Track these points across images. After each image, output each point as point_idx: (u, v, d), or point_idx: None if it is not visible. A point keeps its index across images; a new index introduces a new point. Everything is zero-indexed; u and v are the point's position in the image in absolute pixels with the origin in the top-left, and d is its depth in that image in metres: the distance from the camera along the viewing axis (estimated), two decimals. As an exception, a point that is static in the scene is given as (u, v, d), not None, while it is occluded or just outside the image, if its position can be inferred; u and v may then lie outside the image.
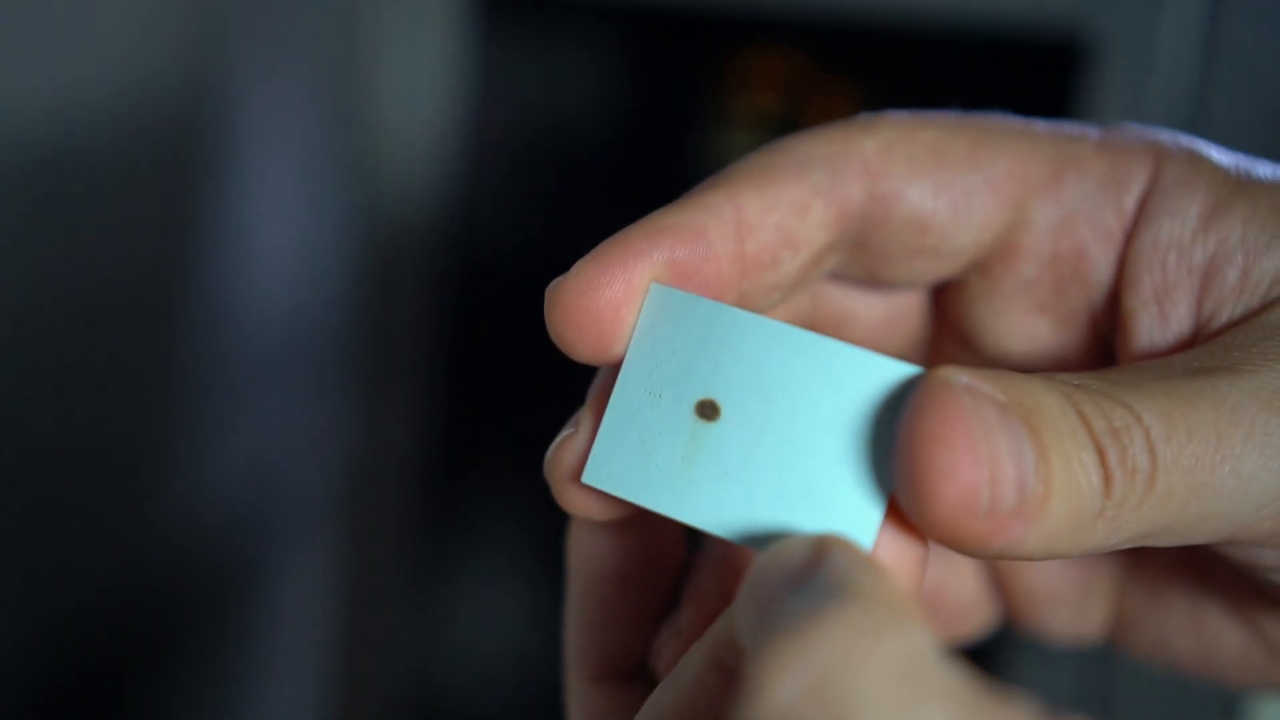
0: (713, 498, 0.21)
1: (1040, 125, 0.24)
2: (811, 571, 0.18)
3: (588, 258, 0.22)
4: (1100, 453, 0.19)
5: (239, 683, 0.79)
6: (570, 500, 0.22)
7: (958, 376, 0.19)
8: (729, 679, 0.20)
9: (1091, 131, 0.24)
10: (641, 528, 0.25)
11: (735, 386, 0.21)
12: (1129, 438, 0.19)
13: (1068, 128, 0.24)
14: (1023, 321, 0.25)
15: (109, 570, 0.71)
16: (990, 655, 0.52)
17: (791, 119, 0.60)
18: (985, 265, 0.24)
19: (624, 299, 0.21)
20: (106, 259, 0.67)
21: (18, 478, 0.64)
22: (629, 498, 0.21)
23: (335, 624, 0.68)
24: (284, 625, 0.80)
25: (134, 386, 0.71)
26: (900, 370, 0.20)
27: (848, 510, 0.20)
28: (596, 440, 0.21)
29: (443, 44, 0.60)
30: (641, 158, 0.64)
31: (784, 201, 0.23)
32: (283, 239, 0.77)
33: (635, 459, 0.21)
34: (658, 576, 0.25)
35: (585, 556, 0.25)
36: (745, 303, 0.23)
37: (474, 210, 0.63)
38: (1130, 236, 0.23)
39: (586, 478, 0.21)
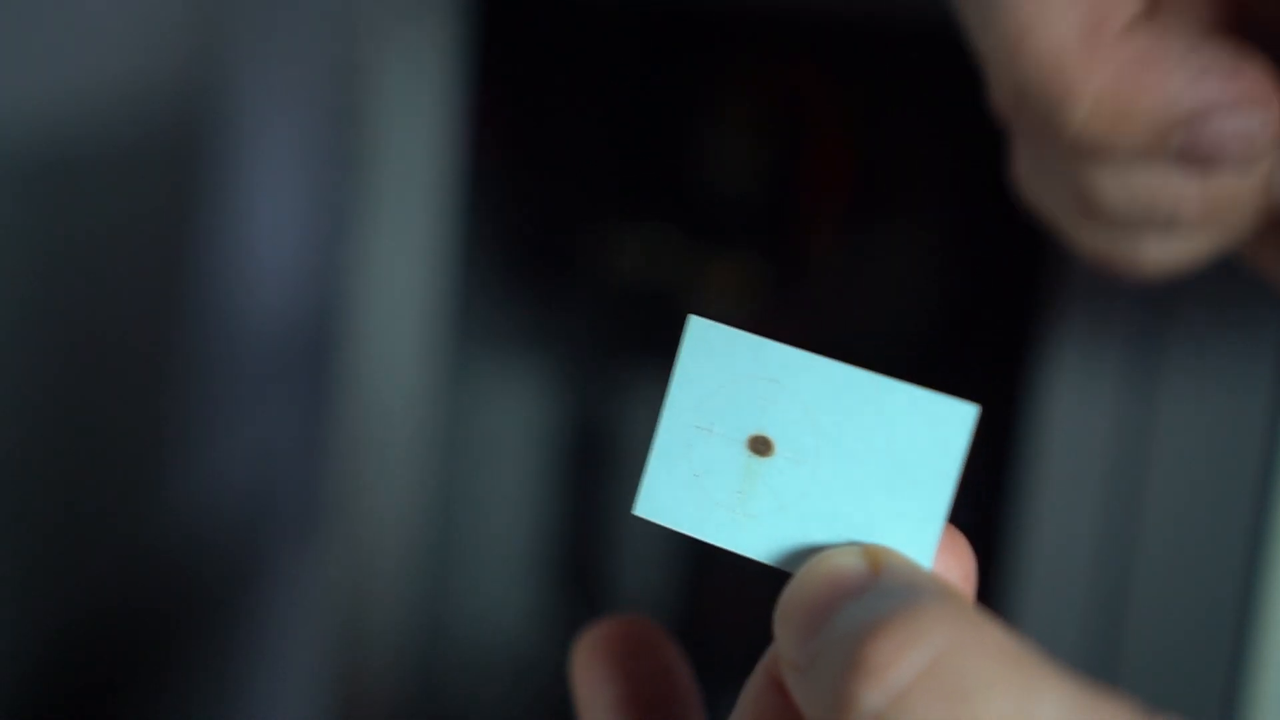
0: (769, 531, 0.21)
1: None
2: (872, 579, 0.19)
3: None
4: None
5: (239, 683, 0.79)
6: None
7: None
8: (785, 693, 0.20)
9: None
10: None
11: (787, 423, 0.21)
12: None
13: None
14: None
15: (109, 570, 0.71)
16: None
17: (790, 120, 0.60)
18: None
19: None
20: (106, 259, 0.67)
21: (17, 478, 0.64)
22: (683, 530, 0.22)
23: (335, 624, 0.68)
24: (284, 625, 0.80)
25: (133, 386, 0.71)
26: (948, 406, 0.20)
27: (903, 541, 0.20)
28: (647, 472, 0.22)
29: (442, 44, 0.60)
30: (640, 157, 0.64)
31: None
32: (283, 239, 0.77)
33: (689, 492, 0.22)
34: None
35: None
36: None
37: (473, 209, 0.64)
38: None
39: (639, 510, 0.22)
